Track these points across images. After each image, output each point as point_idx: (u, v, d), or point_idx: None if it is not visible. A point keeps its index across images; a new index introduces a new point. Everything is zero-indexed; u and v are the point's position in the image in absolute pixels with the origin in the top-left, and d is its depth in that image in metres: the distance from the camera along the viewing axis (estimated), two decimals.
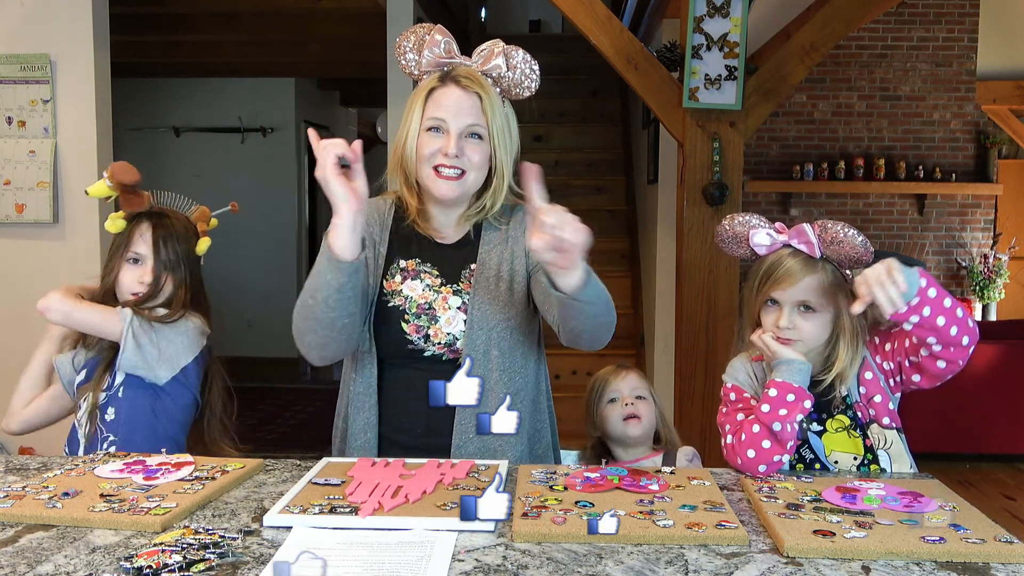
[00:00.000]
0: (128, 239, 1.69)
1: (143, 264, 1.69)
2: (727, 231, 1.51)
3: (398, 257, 1.57)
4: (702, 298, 3.26)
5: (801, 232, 1.43)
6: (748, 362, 1.55)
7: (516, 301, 1.53)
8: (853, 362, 1.47)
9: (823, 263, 1.44)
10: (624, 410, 1.84)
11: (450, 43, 1.54)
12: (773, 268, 1.45)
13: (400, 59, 1.56)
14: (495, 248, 1.57)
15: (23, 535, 1.12)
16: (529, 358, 1.57)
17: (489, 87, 1.52)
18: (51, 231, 3.51)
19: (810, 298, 1.43)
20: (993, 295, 5.90)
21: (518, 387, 1.53)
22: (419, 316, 1.53)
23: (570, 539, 1.10)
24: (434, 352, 1.52)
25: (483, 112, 1.50)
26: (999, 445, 4.55)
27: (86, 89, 3.46)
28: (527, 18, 9.61)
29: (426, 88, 1.52)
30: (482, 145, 1.52)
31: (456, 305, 1.53)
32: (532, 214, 1.23)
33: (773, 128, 5.96)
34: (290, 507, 1.19)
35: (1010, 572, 1.02)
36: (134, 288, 1.68)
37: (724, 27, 3.07)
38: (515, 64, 1.54)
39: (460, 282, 1.55)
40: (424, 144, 1.50)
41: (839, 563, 1.03)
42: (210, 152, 6.73)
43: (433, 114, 1.50)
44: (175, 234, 1.71)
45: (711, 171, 3.18)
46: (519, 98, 1.58)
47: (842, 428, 1.47)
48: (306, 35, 5.42)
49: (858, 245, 1.39)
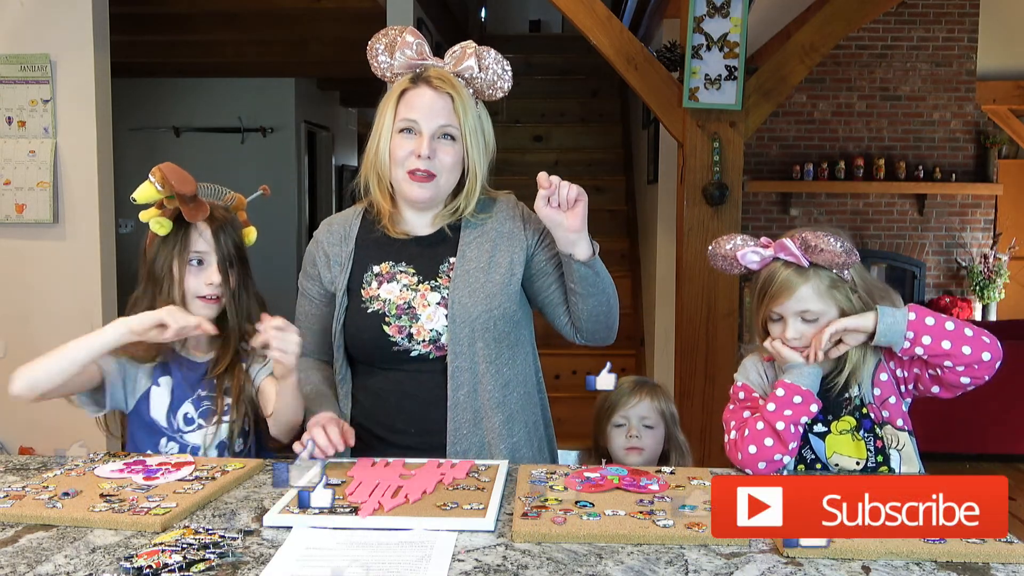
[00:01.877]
0: (186, 240, 1.53)
1: (207, 264, 1.54)
2: (718, 255, 1.51)
3: (371, 264, 1.57)
4: (702, 298, 3.25)
5: (783, 247, 1.44)
6: (760, 362, 1.56)
7: (498, 292, 1.52)
8: (866, 360, 1.47)
9: (814, 269, 1.44)
10: (627, 441, 1.82)
11: (422, 45, 1.53)
12: (768, 283, 1.46)
13: (372, 61, 1.56)
14: (475, 241, 1.56)
15: (23, 535, 1.12)
16: (518, 348, 1.57)
17: (461, 88, 1.52)
18: (51, 231, 3.51)
19: (809, 306, 1.44)
20: (993, 295, 5.90)
21: (507, 379, 1.53)
22: (399, 317, 1.52)
23: (570, 539, 1.10)
24: (420, 352, 1.52)
25: (455, 113, 1.50)
26: (999, 445, 4.55)
27: (86, 89, 3.46)
28: (527, 18, 9.61)
29: (398, 90, 1.53)
30: (454, 146, 1.52)
31: (435, 301, 1.52)
32: (539, 184, 1.40)
33: (773, 128, 5.96)
34: (290, 507, 1.19)
35: (1010, 572, 1.02)
36: (202, 291, 1.53)
37: (724, 27, 3.07)
38: (487, 65, 1.54)
39: (438, 277, 1.54)
40: (397, 146, 1.51)
41: (839, 563, 1.03)
42: (210, 152, 6.72)
43: (405, 115, 1.50)
44: (227, 226, 1.58)
45: (711, 171, 3.18)
46: (492, 99, 1.58)
47: (847, 430, 1.47)
48: (306, 35, 5.42)
49: (840, 251, 1.39)
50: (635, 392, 1.85)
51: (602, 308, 1.55)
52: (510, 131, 6.64)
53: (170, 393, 1.54)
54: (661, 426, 1.85)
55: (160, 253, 1.54)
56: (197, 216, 1.51)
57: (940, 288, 6.10)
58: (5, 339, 3.52)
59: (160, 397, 1.54)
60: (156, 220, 1.51)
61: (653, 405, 1.84)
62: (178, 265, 1.53)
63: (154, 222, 1.52)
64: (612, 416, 1.84)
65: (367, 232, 1.60)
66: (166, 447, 1.53)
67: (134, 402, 1.54)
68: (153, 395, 1.54)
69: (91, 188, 3.48)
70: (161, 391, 1.54)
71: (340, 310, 1.55)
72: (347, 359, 1.58)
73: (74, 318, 3.48)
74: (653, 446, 1.83)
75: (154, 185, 1.49)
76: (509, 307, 1.54)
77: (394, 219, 1.58)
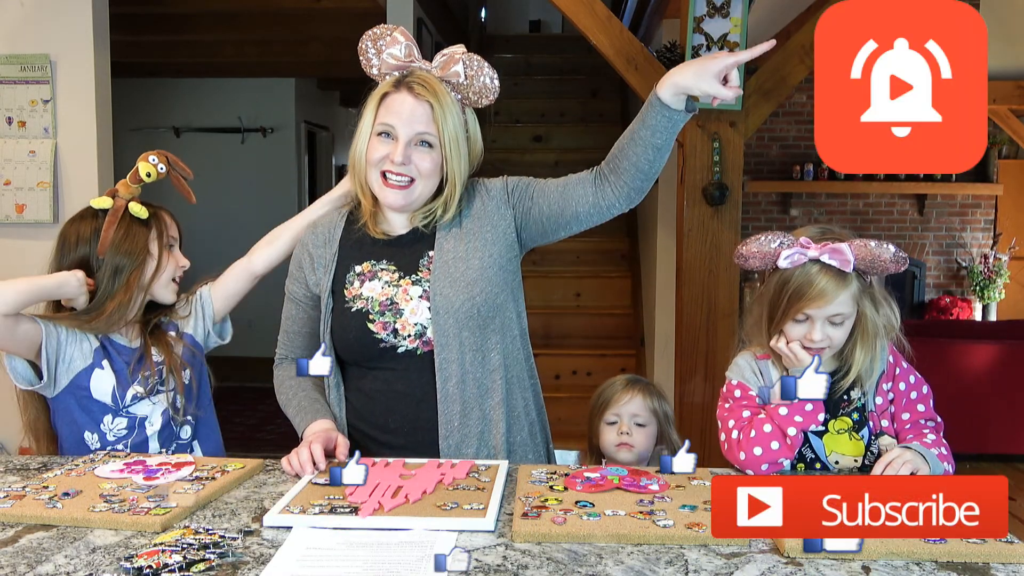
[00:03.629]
0: (162, 225, 1.65)
1: (175, 247, 1.68)
2: (753, 251, 1.45)
3: (352, 264, 1.57)
4: (702, 298, 3.25)
5: (838, 251, 1.40)
6: (754, 360, 1.54)
7: (478, 278, 1.52)
8: (873, 364, 1.47)
9: (854, 274, 1.43)
10: (619, 437, 1.83)
11: (411, 46, 1.53)
12: (805, 286, 1.41)
13: (361, 58, 1.56)
14: (452, 232, 1.56)
15: (23, 535, 1.12)
16: (505, 332, 1.56)
17: (443, 95, 1.50)
18: (51, 231, 3.47)
19: (843, 311, 1.43)
20: (993, 295, 5.90)
21: (494, 364, 1.53)
22: (383, 313, 1.52)
23: (570, 539, 1.10)
24: (407, 347, 1.52)
25: (434, 120, 1.49)
26: (999, 445, 4.55)
27: (86, 89, 3.46)
28: (527, 18, 9.61)
29: (380, 92, 1.53)
30: (432, 154, 1.51)
31: (418, 294, 1.52)
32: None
33: (773, 128, 5.96)
34: (290, 507, 1.19)
35: (1010, 572, 1.02)
36: (175, 274, 1.66)
37: (724, 27, 3.07)
38: (473, 73, 1.53)
39: (419, 271, 1.54)
40: (373, 149, 1.51)
41: (839, 563, 1.03)
42: (210, 152, 6.71)
43: (384, 119, 1.51)
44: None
45: (711, 171, 3.18)
46: (478, 106, 1.57)
47: (844, 430, 1.48)
48: (306, 35, 5.42)
49: (891, 259, 1.39)
50: (627, 389, 1.85)
51: (665, 154, 1.54)
52: (510, 131, 6.64)
53: (114, 375, 1.60)
54: (654, 424, 1.85)
55: (135, 235, 1.61)
56: (185, 190, 1.68)
57: (940, 288, 6.11)
58: None
59: (104, 377, 1.59)
60: (136, 205, 1.61)
61: (645, 403, 1.84)
62: (157, 248, 1.63)
63: (134, 206, 1.61)
64: (604, 413, 1.85)
65: (349, 233, 1.61)
66: (112, 423, 1.59)
67: (67, 381, 1.57)
68: (96, 375, 1.59)
69: (91, 188, 3.48)
70: (105, 372, 1.59)
71: (326, 312, 1.56)
72: (337, 362, 1.58)
73: None
74: (644, 444, 1.83)
75: (158, 167, 1.64)
76: (491, 291, 1.53)
77: (376, 218, 1.59)
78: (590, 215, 1.56)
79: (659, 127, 1.46)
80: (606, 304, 5.57)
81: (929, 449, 1.39)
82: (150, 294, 1.63)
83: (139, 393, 1.60)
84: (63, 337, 1.56)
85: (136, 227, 1.61)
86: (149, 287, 1.62)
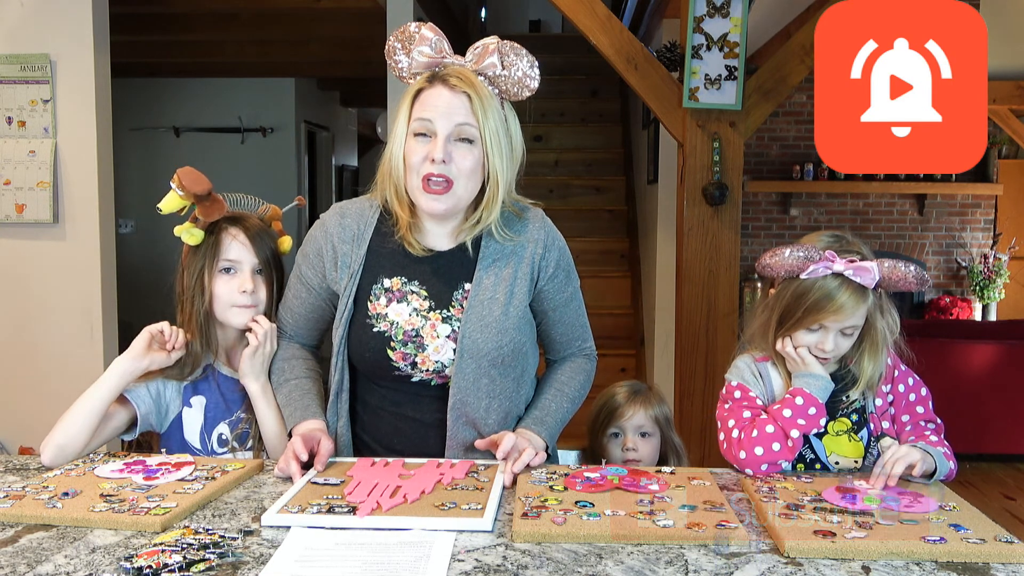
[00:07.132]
0: (216, 248, 1.52)
1: (238, 272, 1.54)
2: (779, 263, 1.43)
3: (381, 276, 1.48)
4: (702, 298, 3.25)
5: (865, 270, 1.40)
6: (753, 362, 1.55)
7: (511, 327, 1.46)
8: (876, 372, 1.48)
9: (872, 290, 1.44)
10: (624, 453, 1.82)
11: (440, 41, 1.43)
12: (825, 300, 1.41)
13: (390, 61, 1.47)
14: (494, 265, 1.48)
15: (23, 535, 1.12)
16: (522, 380, 1.52)
17: (481, 87, 1.40)
18: (51, 231, 3.51)
19: (858, 323, 1.45)
20: (993, 295, 5.90)
21: (507, 410, 1.49)
22: (406, 344, 1.45)
23: (570, 539, 1.10)
24: (422, 378, 1.48)
25: (473, 113, 1.39)
26: (999, 445, 4.55)
27: (86, 89, 3.46)
28: (527, 18, 9.62)
29: (413, 90, 1.43)
30: (472, 150, 1.41)
31: (445, 333, 1.45)
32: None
33: (773, 128, 5.96)
34: (288, 507, 1.19)
35: (1010, 572, 1.02)
36: (235, 300, 1.53)
37: (724, 27, 3.07)
38: (511, 62, 1.43)
39: (451, 307, 1.47)
40: (411, 151, 1.41)
41: (839, 563, 1.03)
42: (210, 152, 6.71)
43: (419, 115, 1.40)
44: (263, 234, 1.58)
45: (711, 171, 3.18)
46: (518, 99, 1.47)
47: (843, 431, 1.48)
48: (306, 35, 5.41)
49: (913, 280, 1.41)
50: (630, 403, 1.84)
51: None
52: None
53: (203, 414, 1.53)
54: (657, 433, 1.85)
55: (191, 264, 1.53)
56: (212, 214, 1.51)
57: (940, 288, 6.10)
58: (5, 339, 3.52)
59: (193, 418, 1.52)
60: (187, 231, 1.51)
61: (648, 414, 1.83)
62: (208, 273, 1.52)
63: (185, 234, 1.52)
64: (608, 427, 1.84)
65: (382, 239, 1.51)
66: None
67: (167, 425, 1.53)
68: (185, 417, 1.52)
69: (91, 188, 3.48)
70: (193, 412, 1.52)
71: (344, 318, 1.48)
72: (346, 367, 1.52)
73: (74, 318, 3.48)
74: (650, 453, 1.83)
75: (176, 192, 1.50)
76: (519, 340, 1.48)
77: (413, 229, 1.48)
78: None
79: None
80: (606, 304, 5.57)
81: (936, 448, 1.39)
82: (222, 324, 1.53)
83: (224, 435, 1.52)
84: (154, 391, 1.49)
85: (194, 256, 1.52)
86: (210, 320, 1.51)
